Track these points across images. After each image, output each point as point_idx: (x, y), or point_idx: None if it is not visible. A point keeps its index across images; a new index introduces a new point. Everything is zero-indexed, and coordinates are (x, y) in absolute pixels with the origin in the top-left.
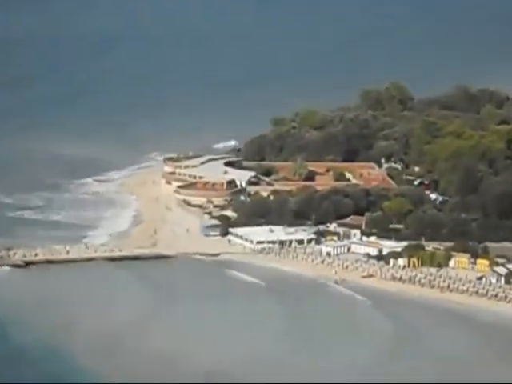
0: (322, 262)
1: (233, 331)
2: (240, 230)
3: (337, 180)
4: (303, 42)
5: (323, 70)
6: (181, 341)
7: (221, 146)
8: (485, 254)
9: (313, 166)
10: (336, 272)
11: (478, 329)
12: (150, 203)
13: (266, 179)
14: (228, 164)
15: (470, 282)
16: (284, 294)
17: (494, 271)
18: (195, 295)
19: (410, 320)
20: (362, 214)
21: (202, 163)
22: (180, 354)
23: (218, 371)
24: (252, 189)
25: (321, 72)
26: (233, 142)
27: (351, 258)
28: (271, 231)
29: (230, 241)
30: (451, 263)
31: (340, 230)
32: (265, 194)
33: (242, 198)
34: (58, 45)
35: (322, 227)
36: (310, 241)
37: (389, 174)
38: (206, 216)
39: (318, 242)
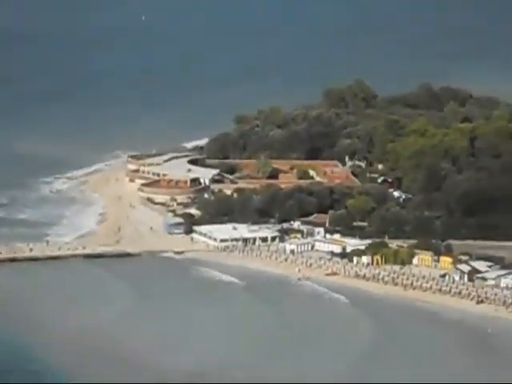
0: (286, 259)
1: (216, 333)
2: (204, 228)
3: (300, 178)
4: (269, 40)
5: (287, 67)
6: (166, 343)
7: (193, 144)
8: (448, 251)
9: (276, 164)
10: (299, 270)
11: (443, 327)
12: (114, 201)
13: (230, 177)
14: (191, 162)
15: (433, 279)
16: (260, 293)
17: (457, 269)
18: (169, 294)
19: (380, 318)
20: (325, 212)
21: (166, 161)
22: (162, 357)
23: (198, 373)
24: (216, 187)
25: (285, 70)
26: (206, 140)
27: (315, 256)
28: (235, 229)
29: (192, 238)
30: (415, 261)
31: (304, 227)
32: (228, 191)
33: (206, 195)
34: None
35: (285, 225)
36: (273, 239)
37: (352, 172)
38: (170, 214)
39: (281, 240)
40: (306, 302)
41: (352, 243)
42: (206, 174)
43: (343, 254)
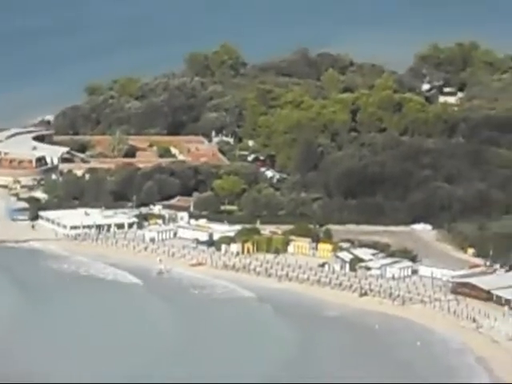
0: (145, 248)
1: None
2: (51, 214)
3: (161, 156)
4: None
5: (145, 32)
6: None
7: (39, 118)
8: (327, 238)
9: (134, 141)
10: (161, 260)
11: (323, 323)
12: None
13: (81, 156)
14: (37, 138)
15: (311, 269)
16: (134, 287)
17: (337, 257)
18: (32, 291)
19: (249, 315)
20: (189, 195)
21: (7, 138)
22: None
23: None
24: (65, 167)
25: (143, 34)
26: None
27: (178, 244)
28: (87, 214)
29: (33, 226)
30: (290, 249)
31: (165, 212)
32: (79, 172)
33: (54, 177)
34: None
35: (144, 210)
36: (131, 225)
37: (220, 149)
38: (13, 198)
39: (140, 227)
40: (174, 294)
41: (220, 229)
42: (53, 153)
43: (210, 242)
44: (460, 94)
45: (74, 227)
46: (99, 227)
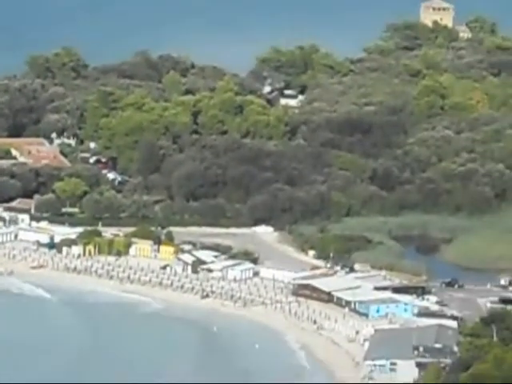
0: None
1: None
2: None
3: (1, 158)
4: None
5: None
6: None
7: None
8: (169, 240)
9: None
10: (1, 263)
11: (164, 325)
12: None
13: None
14: None
15: (152, 271)
16: None
17: (179, 259)
18: None
19: (92, 318)
20: (30, 197)
21: None
22: None
23: None
24: None
25: None
26: None
27: (19, 247)
28: None
29: None
30: (132, 251)
31: (6, 214)
32: None
33: None
34: None
35: None
36: None
37: (61, 151)
38: None
39: None
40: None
41: (61, 232)
42: None
43: (51, 244)
44: (301, 97)
45: None
46: None
